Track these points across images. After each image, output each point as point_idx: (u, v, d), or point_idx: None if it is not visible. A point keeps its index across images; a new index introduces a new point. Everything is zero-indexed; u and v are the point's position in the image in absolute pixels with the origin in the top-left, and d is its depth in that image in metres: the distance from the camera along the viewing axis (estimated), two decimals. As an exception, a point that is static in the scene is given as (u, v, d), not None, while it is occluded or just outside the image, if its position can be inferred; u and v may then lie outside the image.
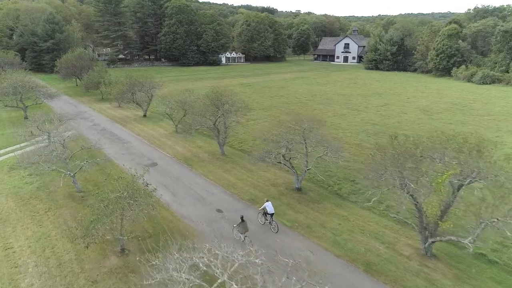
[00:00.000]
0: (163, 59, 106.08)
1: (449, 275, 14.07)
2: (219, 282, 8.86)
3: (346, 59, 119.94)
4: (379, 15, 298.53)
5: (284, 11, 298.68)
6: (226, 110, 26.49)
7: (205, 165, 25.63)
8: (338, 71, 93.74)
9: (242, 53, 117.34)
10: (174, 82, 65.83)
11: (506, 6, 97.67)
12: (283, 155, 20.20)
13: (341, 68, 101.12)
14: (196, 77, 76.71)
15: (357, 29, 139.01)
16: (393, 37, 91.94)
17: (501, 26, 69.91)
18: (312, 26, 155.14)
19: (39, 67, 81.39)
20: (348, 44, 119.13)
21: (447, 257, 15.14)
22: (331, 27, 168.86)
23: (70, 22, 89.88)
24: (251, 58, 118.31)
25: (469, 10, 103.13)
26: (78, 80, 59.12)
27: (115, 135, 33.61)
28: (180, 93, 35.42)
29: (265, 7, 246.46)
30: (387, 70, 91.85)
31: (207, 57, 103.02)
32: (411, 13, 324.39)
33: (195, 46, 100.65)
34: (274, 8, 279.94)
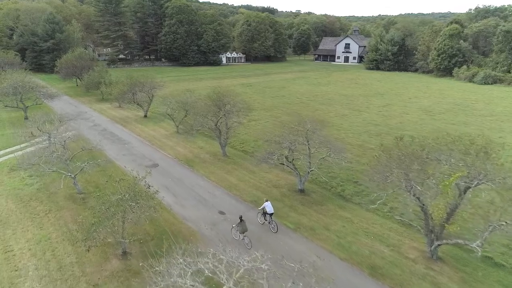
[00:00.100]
0: (163, 59, 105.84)
1: (455, 278, 13.87)
2: None
3: (346, 59, 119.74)
4: (379, 15, 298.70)
5: (284, 11, 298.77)
6: (228, 110, 26.30)
7: (207, 166, 25.43)
8: (339, 71, 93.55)
9: (243, 53, 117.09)
10: (175, 82, 65.60)
11: (507, 6, 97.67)
12: (286, 157, 20.01)
13: (342, 68, 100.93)
14: (196, 77, 76.49)
15: (358, 29, 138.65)
16: (394, 37, 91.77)
17: (503, 26, 69.75)
18: (313, 26, 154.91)
19: (39, 67, 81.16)
20: (349, 44, 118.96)
21: (453, 260, 14.93)
22: (331, 27, 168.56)
23: (70, 22, 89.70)
24: (251, 58, 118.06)
25: (470, 10, 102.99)
26: (79, 80, 58.91)
27: (115, 135, 33.41)
28: (181, 93, 35.21)
29: (265, 7, 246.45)
30: (388, 70, 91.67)
31: (207, 57, 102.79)
32: (411, 13, 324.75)
33: (196, 46, 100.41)
34: (274, 8, 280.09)
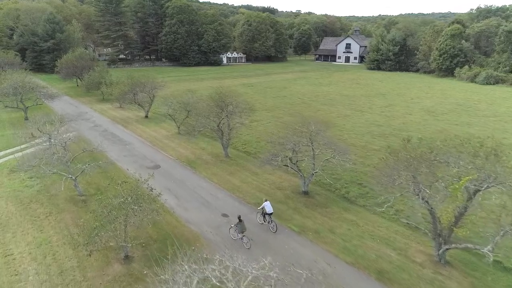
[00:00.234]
0: (164, 59, 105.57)
1: (464, 283, 13.59)
2: None
3: (347, 59, 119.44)
4: (379, 15, 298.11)
5: (284, 11, 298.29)
6: (230, 111, 26.03)
7: (209, 168, 25.13)
8: (340, 71, 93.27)
9: (243, 53, 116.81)
10: (176, 83, 65.31)
11: (509, 6, 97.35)
12: (289, 158, 19.73)
13: (342, 68, 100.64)
14: (197, 77, 76.21)
15: (359, 29, 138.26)
16: (395, 37, 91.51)
17: (505, 26, 69.49)
18: (313, 26, 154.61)
19: (39, 67, 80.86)
20: (350, 44, 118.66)
21: (462, 264, 14.65)
22: (332, 27, 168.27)
23: (71, 22, 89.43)
24: (252, 58, 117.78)
25: (471, 10, 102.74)
26: (79, 80, 58.66)
27: (116, 136, 33.12)
28: (182, 93, 34.99)
29: (266, 7, 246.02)
30: (389, 70, 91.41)
31: (208, 57, 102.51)
32: (412, 13, 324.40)
33: (196, 46, 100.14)
34: (275, 8, 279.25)
